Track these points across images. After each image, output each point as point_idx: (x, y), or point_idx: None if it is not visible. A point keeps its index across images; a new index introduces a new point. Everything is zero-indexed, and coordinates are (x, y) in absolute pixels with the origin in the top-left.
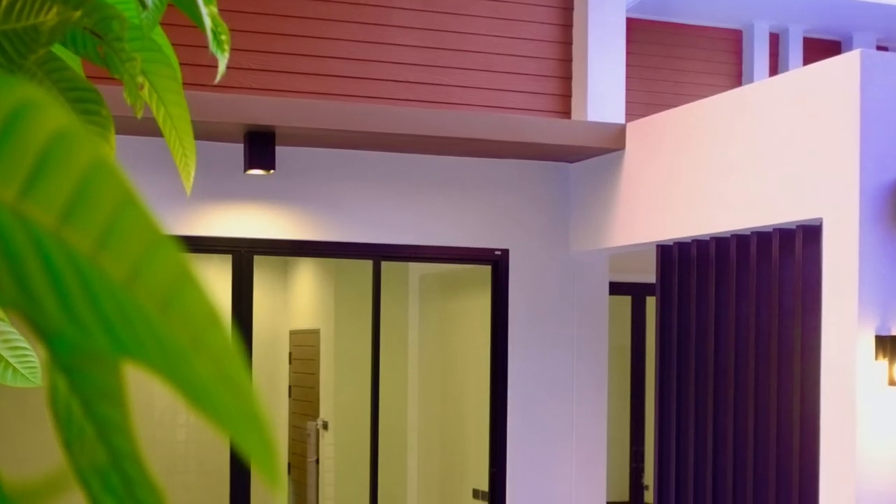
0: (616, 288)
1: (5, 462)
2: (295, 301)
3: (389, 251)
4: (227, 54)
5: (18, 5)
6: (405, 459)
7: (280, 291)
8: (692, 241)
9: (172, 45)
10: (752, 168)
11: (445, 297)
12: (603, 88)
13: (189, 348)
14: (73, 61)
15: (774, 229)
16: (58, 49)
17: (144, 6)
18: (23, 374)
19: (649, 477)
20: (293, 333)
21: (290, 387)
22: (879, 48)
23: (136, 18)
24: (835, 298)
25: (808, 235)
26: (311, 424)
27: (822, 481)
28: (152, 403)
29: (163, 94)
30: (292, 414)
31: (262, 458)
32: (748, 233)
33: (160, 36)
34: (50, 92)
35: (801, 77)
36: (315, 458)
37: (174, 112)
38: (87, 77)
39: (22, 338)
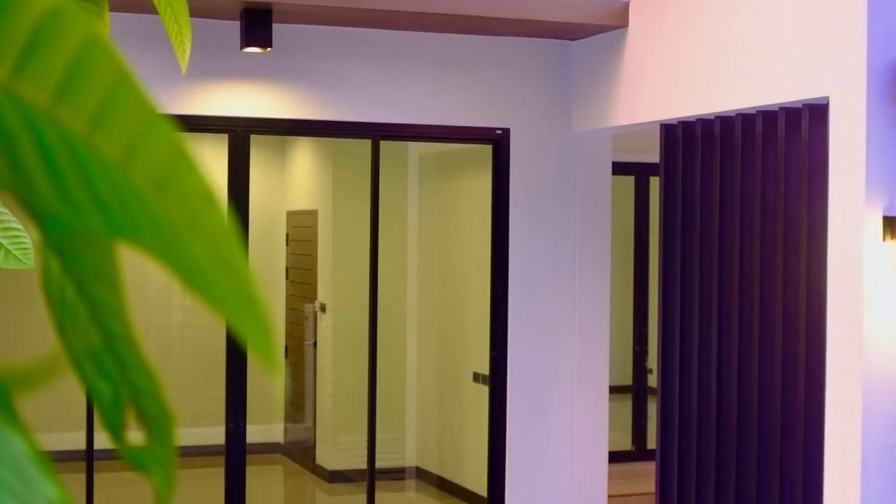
0: (619, 168)
1: None
2: (292, 181)
3: (388, 130)
4: None
5: None
6: (404, 342)
7: (277, 171)
8: (697, 119)
9: None
10: (757, 45)
11: (445, 178)
12: None
13: (184, 229)
14: None
15: (780, 108)
16: None
17: None
18: (15, 256)
19: (653, 360)
20: (290, 214)
21: (287, 268)
22: None
23: None
24: (841, 178)
25: (815, 114)
26: (308, 307)
27: (828, 363)
28: (147, 285)
29: None
30: (289, 296)
31: (258, 341)
32: (753, 112)
33: None
34: None
35: None
36: (313, 340)
37: None
38: None
39: (15, 219)
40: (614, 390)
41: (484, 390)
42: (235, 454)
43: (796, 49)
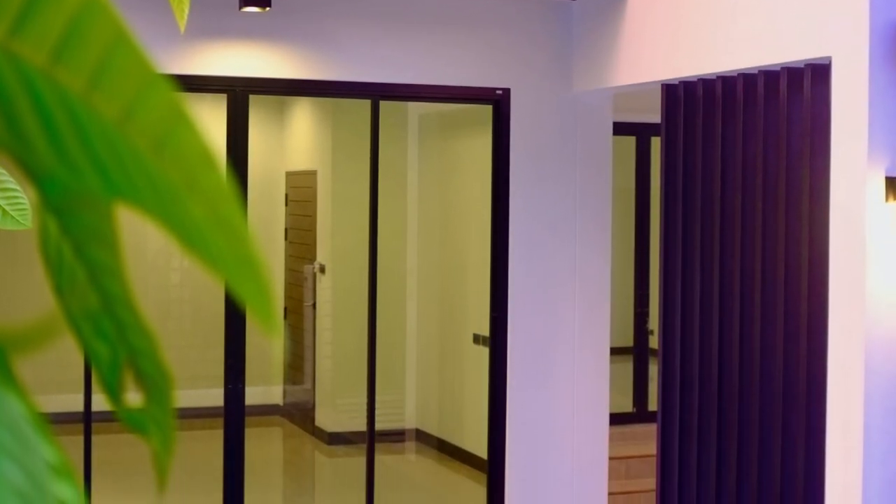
0: (620, 128)
1: None
2: (291, 142)
3: (388, 90)
4: None
5: None
6: (404, 304)
7: (276, 132)
8: (698, 80)
9: None
10: (759, 4)
11: (445, 138)
12: None
13: (183, 189)
14: None
15: (782, 68)
16: None
17: None
18: (13, 217)
19: (654, 322)
20: (290, 175)
21: (286, 229)
22: None
23: None
24: (844, 139)
25: (817, 74)
26: (307, 268)
27: (830, 325)
28: (146, 246)
29: None
30: (289, 257)
31: (257, 302)
32: (755, 72)
33: None
34: None
35: None
36: (312, 302)
37: None
38: None
39: (12, 180)
40: (615, 352)
41: (484, 352)
42: (234, 416)
43: (798, 8)
